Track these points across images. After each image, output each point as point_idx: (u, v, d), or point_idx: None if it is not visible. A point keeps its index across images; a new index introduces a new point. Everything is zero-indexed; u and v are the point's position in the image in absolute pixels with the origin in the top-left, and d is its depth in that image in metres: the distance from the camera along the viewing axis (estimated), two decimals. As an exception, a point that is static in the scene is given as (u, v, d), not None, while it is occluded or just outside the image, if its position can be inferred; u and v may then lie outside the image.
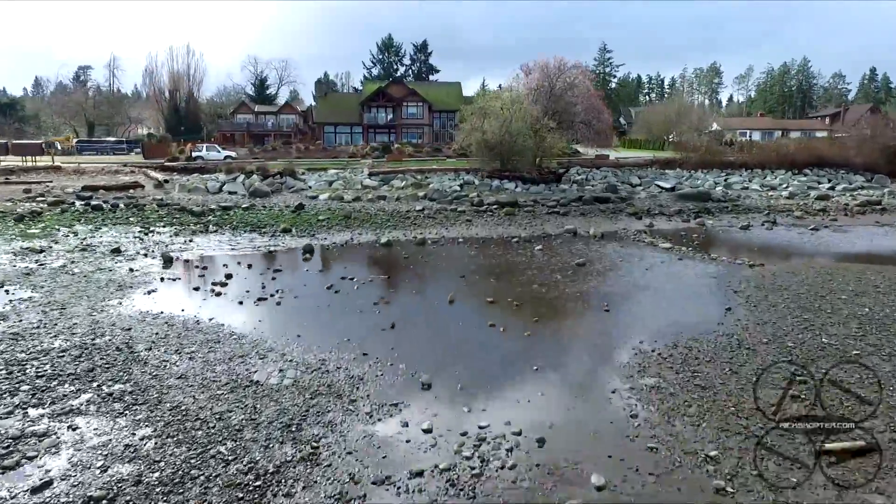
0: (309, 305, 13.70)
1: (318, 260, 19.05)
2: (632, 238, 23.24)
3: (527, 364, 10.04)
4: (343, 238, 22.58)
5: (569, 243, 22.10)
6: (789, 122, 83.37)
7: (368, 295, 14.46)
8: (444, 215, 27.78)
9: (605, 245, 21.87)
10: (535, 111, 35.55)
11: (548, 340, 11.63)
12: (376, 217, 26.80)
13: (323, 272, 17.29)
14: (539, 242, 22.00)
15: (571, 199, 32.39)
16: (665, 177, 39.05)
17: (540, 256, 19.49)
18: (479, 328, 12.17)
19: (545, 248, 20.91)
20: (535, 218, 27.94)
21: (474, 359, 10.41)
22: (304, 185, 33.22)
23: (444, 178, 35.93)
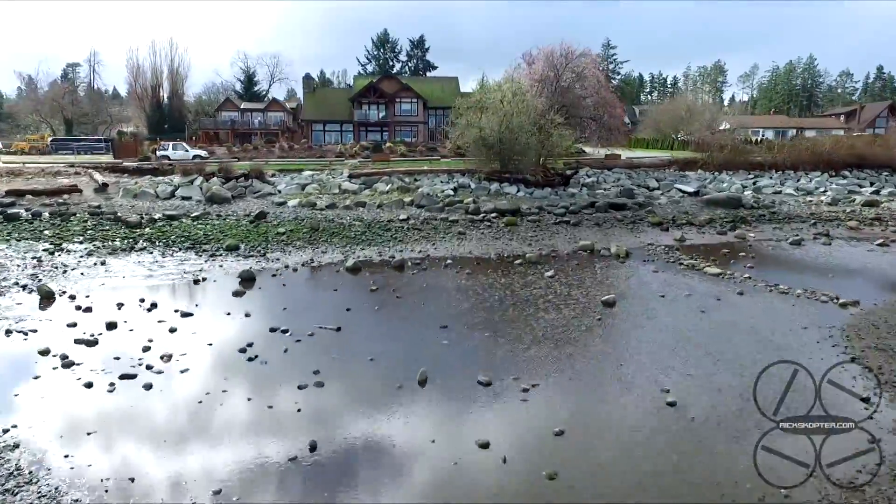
0: (194, 392, 8.56)
1: (254, 295, 13.92)
2: (664, 257, 18.16)
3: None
4: (301, 258, 17.51)
5: (587, 266, 17.04)
6: (804, 120, 78.14)
7: (299, 365, 9.38)
8: (432, 226, 22.72)
9: (634, 268, 16.81)
10: (540, 104, 30.46)
11: (585, 486, 6.58)
12: (350, 229, 21.74)
13: (251, 316, 12.15)
14: (549, 264, 16.96)
15: (582, 205, 27.32)
16: (686, 179, 33.95)
17: (552, 288, 14.44)
18: (461, 450, 7.13)
19: (558, 273, 15.84)
20: (541, 229, 22.88)
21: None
22: (273, 190, 28.16)
23: (436, 180, 30.88)
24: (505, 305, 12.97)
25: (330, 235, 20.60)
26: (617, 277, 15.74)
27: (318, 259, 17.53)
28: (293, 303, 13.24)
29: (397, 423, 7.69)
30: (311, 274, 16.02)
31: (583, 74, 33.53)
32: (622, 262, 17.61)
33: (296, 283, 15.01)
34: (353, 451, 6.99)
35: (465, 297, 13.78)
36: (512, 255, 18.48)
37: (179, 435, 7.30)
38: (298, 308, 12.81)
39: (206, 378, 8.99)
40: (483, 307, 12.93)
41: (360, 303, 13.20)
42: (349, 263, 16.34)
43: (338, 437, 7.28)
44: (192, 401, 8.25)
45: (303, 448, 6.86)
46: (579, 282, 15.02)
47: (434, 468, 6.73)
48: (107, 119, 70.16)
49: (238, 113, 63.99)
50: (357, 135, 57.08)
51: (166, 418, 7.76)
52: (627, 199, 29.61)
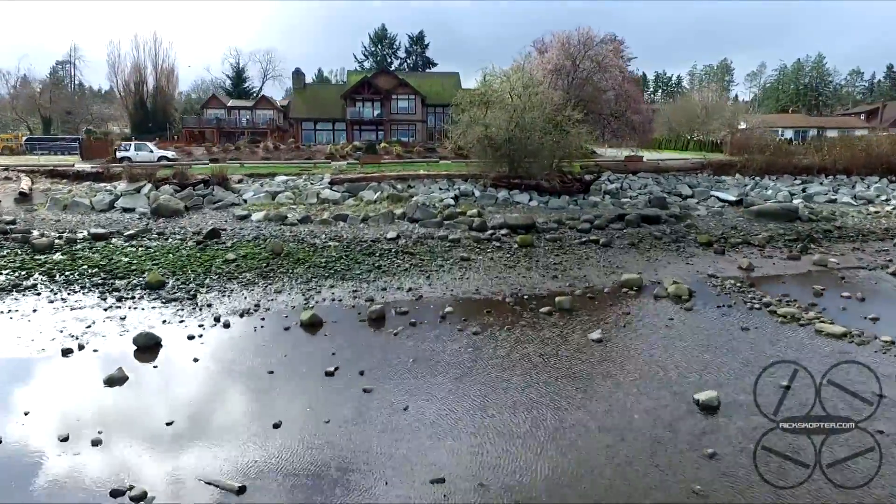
0: None
1: (138, 384, 8.62)
2: (739, 297, 12.97)
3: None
4: (243, 303, 12.31)
5: (643, 317, 11.86)
6: (825, 119, 72.75)
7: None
8: (427, 248, 17.56)
9: (711, 320, 11.62)
10: (556, 97, 25.30)
11: None
12: (323, 253, 16.59)
13: (98, 447, 6.81)
14: (589, 313, 11.83)
15: (609, 218, 22.14)
16: (723, 185, 28.77)
17: (609, 371, 9.26)
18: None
19: (608, 334, 10.65)
20: (564, 252, 17.73)
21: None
22: (237, 199, 23.02)
23: (434, 187, 25.74)
24: (542, 427, 7.73)
25: (294, 263, 15.44)
26: (693, 339, 10.57)
27: (268, 303, 12.35)
28: (192, 405, 8.03)
29: None
30: (246, 332, 10.82)
31: (604, 64, 28.31)
32: (687, 307, 12.43)
33: (214, 355, 9.77)
34: None
35: (468, 382, 8.62)
36: (534, 294, 13.32)
37: None
38: (196, 418, 7.63)
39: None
40: (501, 408, 7.78)
41: (302, 407, 7.98)
42: (305, 316, 11.13)
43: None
44: None
45: None
46: (648, 357, 9.82)
47: None
48: (88, 117, 64.93)
49: (224, 111, 58.71)
50: (350, 134, 51.90)
51: None
52: (660, 210, 24.46)
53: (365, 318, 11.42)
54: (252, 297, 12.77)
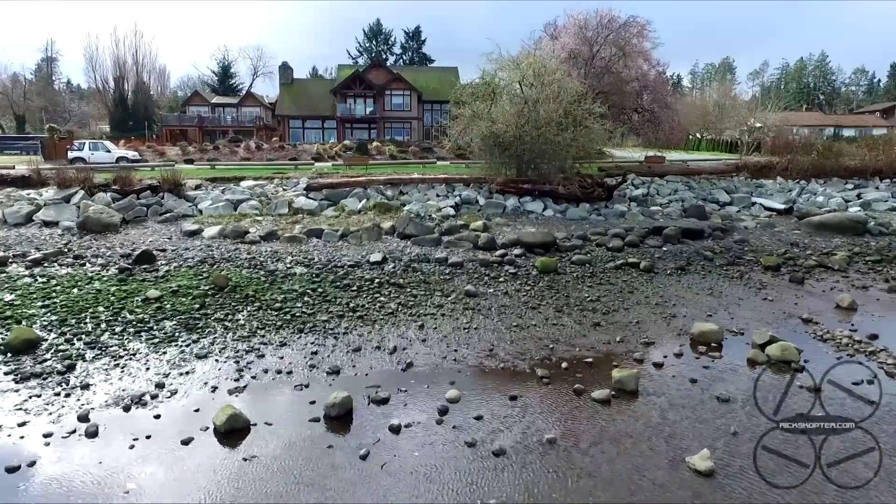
0: None
1: None
2: (886, 370, 8.75)
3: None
4: (142, 381, 7.90)
5: (746, 403, 7.61)
6: (842, 117, 68.64)
7: None
8: (421, 278, 13.23)
9: (851, 408, 7.40)
10: (578, 86, 20.97)
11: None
12: (283, 285, 12.25)
13: None
14: (669, 400, 7.50)
15: (642, 232, 17.86)
16: (765, 191, 24.54)
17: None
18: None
19: (719, 453, 6.33)
20: (599, 281, 13.41)
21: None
22: (191, 209, 18.66)
23: (431, 193, 21.42)
24: None
25: (239, 303, 11.11)
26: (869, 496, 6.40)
27: (178, 380, 7.98)
28: None
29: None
30: (113, 453, 6.38)
31: (627, 50, 23.97)
32: (809, 385, 8.13)
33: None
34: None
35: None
36: (574, 357, 9.02)
37: None
38: None
39: None
40: None
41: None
42: (221, 419, 6.76)
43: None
44: None
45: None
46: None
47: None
48: (65, 115, 60.32)
49: (208, 108, 54.28)
50: (341, 132, 47.54)
51: None
52: (700, 221, 20.23)
53: (320, 417, 7.09)
54: (158, 367, 8.42)
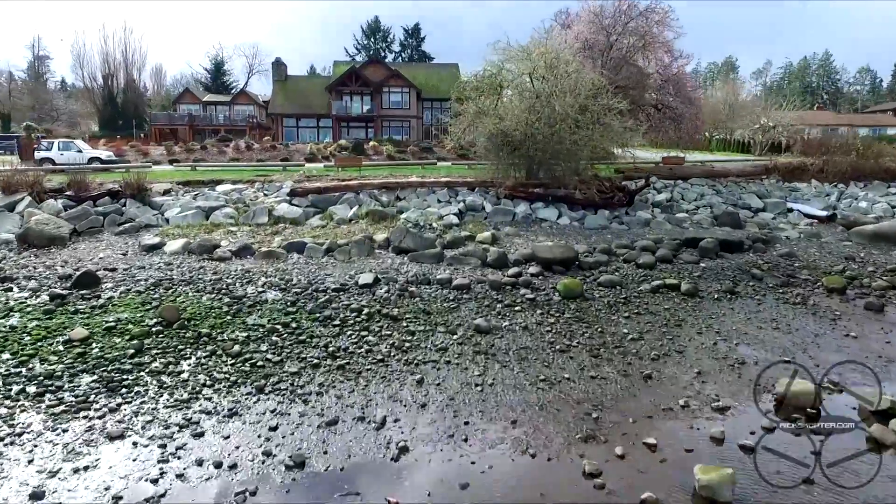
0: None
1: None
2: None
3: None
4: (4, 496, 5.55)
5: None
6: (854, 116, 66.24)
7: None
8: (421, 305, 10.67)
9: None
10: (597, 78, 18.46)
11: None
12: (246, 319, 9.72)
13: None
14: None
15: (673, 244, 15.29)
16: (800, 195, 22.03)
17: None
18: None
19: None
20: (636, 309, 10.86)
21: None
22: (157, 218, 16.13)
23: (431, 198, 18.90)
24: None
25: (185, 347, 8.58)
26: None
27: (60, 492, 5.44)
28: None
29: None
30: None
31: (648, 40, 21.44)
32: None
33: None
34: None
35: None
36: (628, 434, 6.42)
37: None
38: None
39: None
40: None
41: None
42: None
43: None
44: None
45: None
46: None
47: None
48: (52, 114, 57.75)
49: (200, 106, 51.73)
50: (337, 131, 45.01)
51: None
52: (733, 230, 17.75)
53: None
54: (47, 457, 5.86)
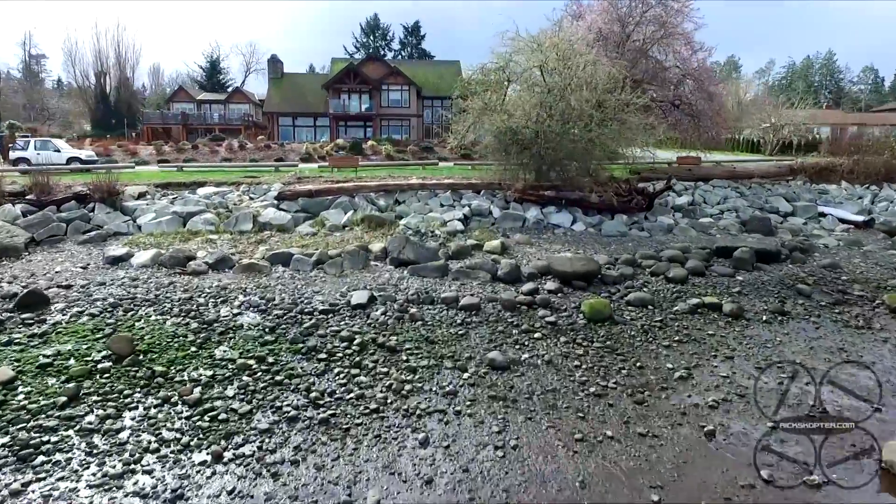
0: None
1: None
2: None
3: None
4: None
5: None
6: (865, 115, 64.42)
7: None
8: (422, 331, 8.97)
9: None
10: (617, 70, 16.76)
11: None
12: (213, 352, 8.06)
13: None
14: None
15: (703, 253, 13.58)
16: (830, 198, 20.34)
17: None
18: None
19: None
20: (675, 336, 9.14)
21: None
22: (127, 225, 14.42)
23: (433, 202, 17.20)
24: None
25: (133, 392, 6.88)
26: None
27: None
28: None
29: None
30: None
31: (668, 29, 19.74)
32: None
33: None
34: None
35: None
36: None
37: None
38: None
39: None
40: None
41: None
42: None
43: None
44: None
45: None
46: None
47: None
48: (44, 113, 56.03)
49: (194, 105, 50.01)
50: (335, 131, 43.31)
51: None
52: (765, 236, 16.07)
53: None
54: None
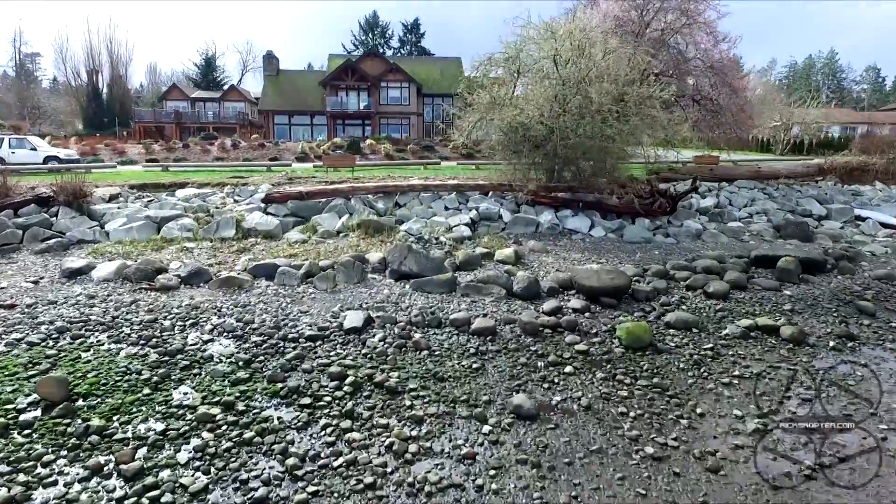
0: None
1: None
2: None
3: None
4: None
5: None
6: (876, 114, 62.86)
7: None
8: (426, 368, 7.25)
9: None
10: (639, 56, 15.16)
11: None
12: (168, 396, 6.40)
13: None
14: None
15: (739, 263, 12.00)
16: (864, 200, 18.76)
17: None
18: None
19: None
20: (736, 373, 7.46)
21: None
22: (93, 232, 12.78)
23: (437, 205, 15.57)
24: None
25: (56, 456, 5.21)
26: None
27: None
28: None
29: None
30: None
31: (691, 16, 18.13)
32: None
33: None
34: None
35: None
36: None
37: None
38: None
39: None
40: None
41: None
42: None
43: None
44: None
45: None
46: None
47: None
48: (34, 111, 54.32)
49: (187, 103, 48.33)
50: (332, 129, 41.66)
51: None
52: (803, 243, 14.47)
53: None
54: None
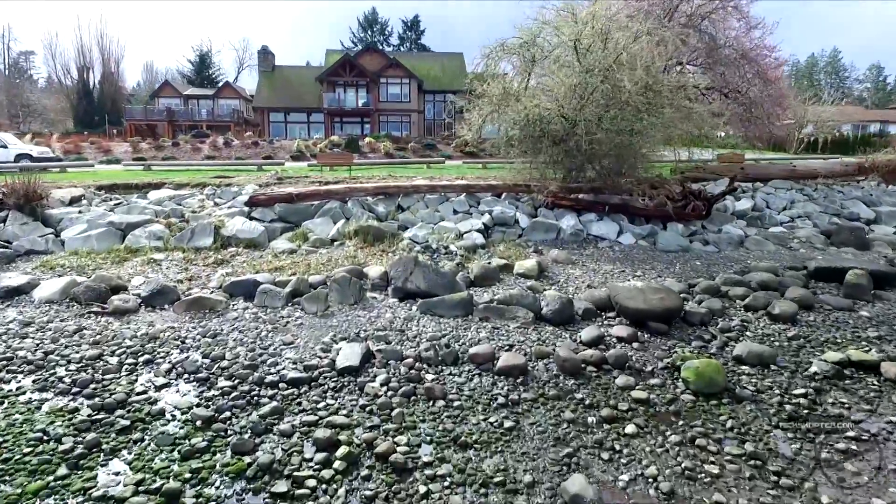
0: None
1: None
2: None
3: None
4: None
5: None
6: (887, 112, 61.11)
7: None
8: (443, 428, 5.39)
9: None
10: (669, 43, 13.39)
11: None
12: (94, 476, 4.62)
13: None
14: None
15: (798, 277, 10.24)
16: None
17: None
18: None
19: None
20: (859, 440, 5.45)
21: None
22: (46, 240, 11.00)
23: (444, 208, 13.77)
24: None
25: None
26: None
27: None
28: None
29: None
30: None
31: (725, 3, 16.35)
32: None
33: None
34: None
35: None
36: None
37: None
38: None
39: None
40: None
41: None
42: None
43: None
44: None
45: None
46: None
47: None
48: (24, 110, 52.42)
49: (180, 100, 46.47)
50: (330, 127, 39.83)
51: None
52: (860, 251, 12.71)
53: None
54: None
